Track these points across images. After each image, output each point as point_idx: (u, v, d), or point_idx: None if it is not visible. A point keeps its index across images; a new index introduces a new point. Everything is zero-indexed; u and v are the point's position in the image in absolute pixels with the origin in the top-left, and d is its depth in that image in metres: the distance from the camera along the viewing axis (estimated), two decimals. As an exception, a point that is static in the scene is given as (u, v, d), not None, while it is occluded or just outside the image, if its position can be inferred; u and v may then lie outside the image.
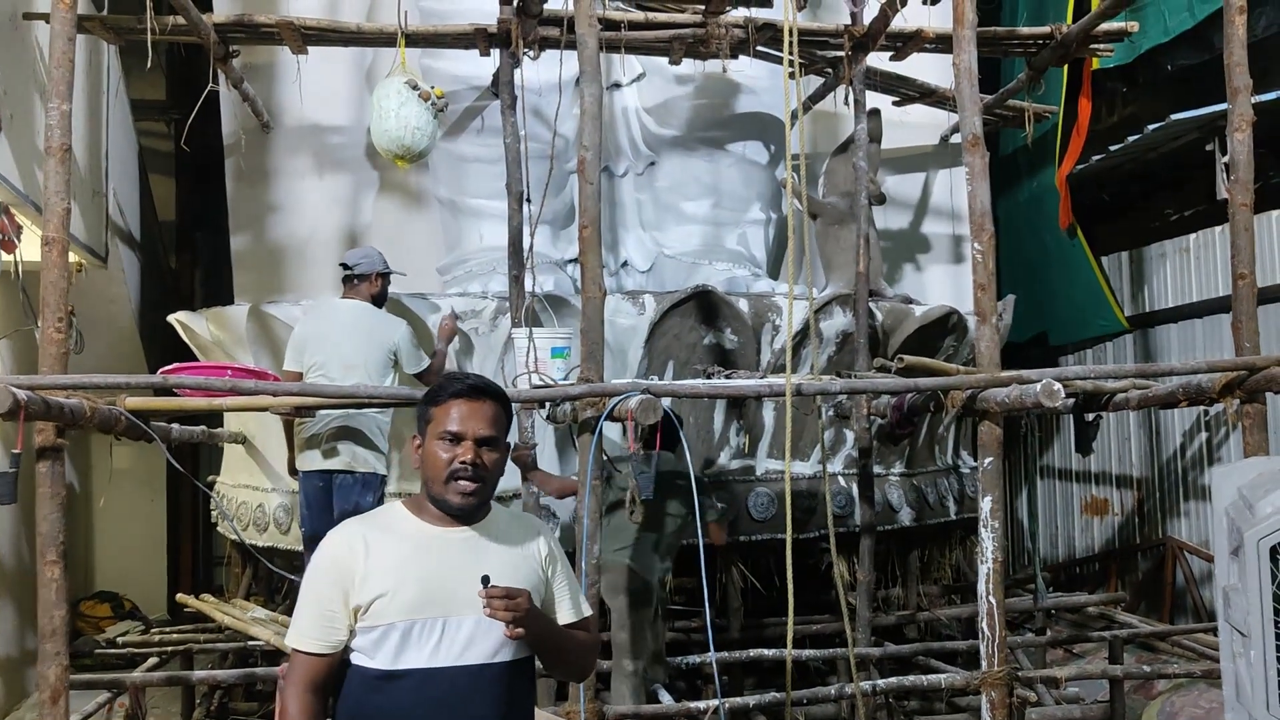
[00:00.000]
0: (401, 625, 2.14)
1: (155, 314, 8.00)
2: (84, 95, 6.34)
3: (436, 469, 2.22)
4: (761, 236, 7.27)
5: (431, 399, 2.28)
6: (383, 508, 2.40)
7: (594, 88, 4.17)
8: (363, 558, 2.17)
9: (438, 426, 2.23)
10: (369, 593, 2.15)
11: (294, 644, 2.19)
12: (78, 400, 3.73)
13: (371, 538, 2.21)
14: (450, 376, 2.34)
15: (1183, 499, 7.85)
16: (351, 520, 2.33)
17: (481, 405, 2.24)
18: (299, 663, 2.18)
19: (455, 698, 2.16)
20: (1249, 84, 4.56)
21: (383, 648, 2.15)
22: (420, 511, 2.27)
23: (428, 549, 2.22)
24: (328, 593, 2.17)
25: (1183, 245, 7.94)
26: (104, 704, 5.09)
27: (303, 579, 2.26)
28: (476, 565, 2.19)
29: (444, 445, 2.21)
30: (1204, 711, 5.71)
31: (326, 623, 2.16)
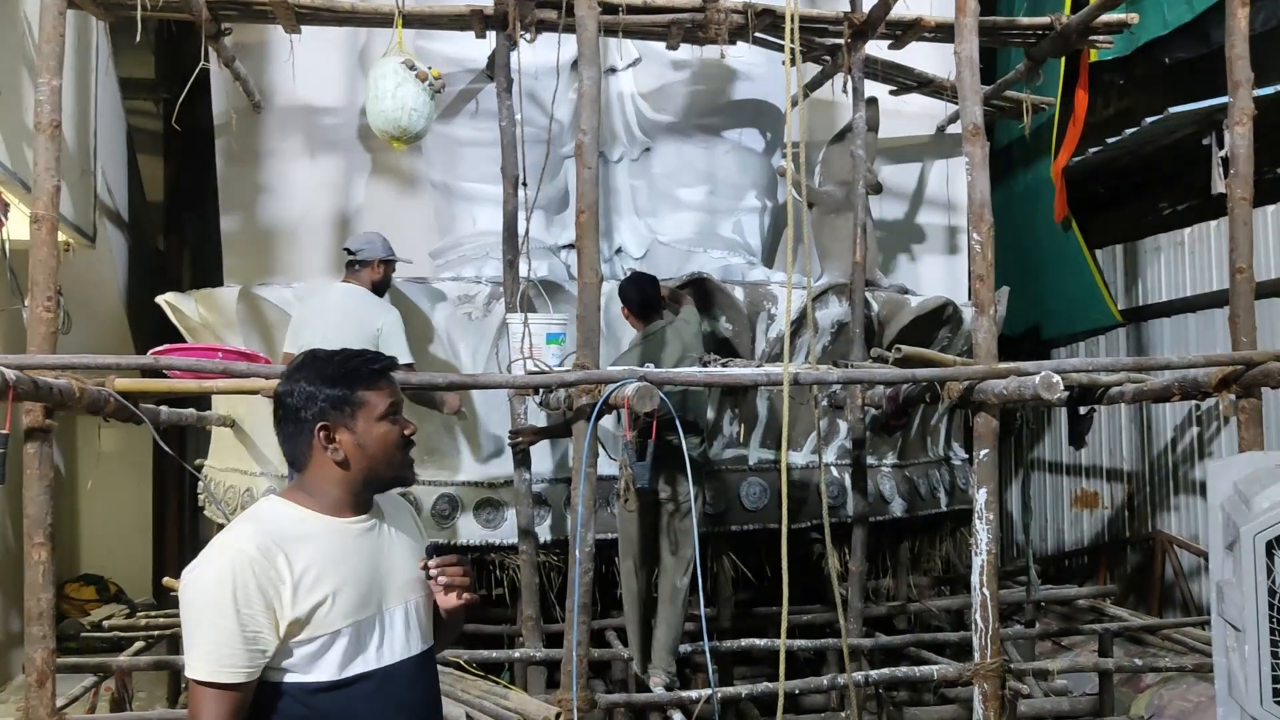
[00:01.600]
0: (347, 630, 2.01)
1: (143, 295, 7.92)
2: (73, 73, 6.26)
3: (393, 448, 2.10)
4: (757, 224, 7.24)
5: (360, 381, 2.10)
6: (262, 510, 2.08)
7: (592, 70, 4.12)
8: (285, 567, 1.95)
9: (379, 407, 2.09)
10: (306, 603, 1.95)
11: (210, 677, 1.89)
12: (67, 381, 3.68)
13: (283, 544, 1.98)
14: (356, 357, 2.14)
15: (1173, 493, 7.87)
16: (242, 528, 2.01)
17: (393, 377, 2.19)
18: (215, 699, 1.90)
19: (408, 691, 2.10)
20: (1250, 77, 4.55)
21: (325, 658, 1.99)
22: (313, 504, 2.08)
23: (347, 545, 2.07)
24: (247, 613, 1.90)
25: (1177, 239, 7.93)
26: (90, 688, 5.05)
27: (197, 601, 1.93)
28: (389, 553, 2.13)
29: (390, 423, 2.10)
30: (1192, 705, 5.73)
31: (251, 646, 1.91)
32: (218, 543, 2.00)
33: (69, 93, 6.18)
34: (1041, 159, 8.38)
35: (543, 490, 5.74)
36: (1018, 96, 6.91)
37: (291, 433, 2.10)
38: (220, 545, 1.98)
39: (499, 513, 5.75)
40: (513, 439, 5.20)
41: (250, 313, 5.95)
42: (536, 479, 5.51)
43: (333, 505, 2.09)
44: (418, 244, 6.78)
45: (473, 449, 5.86)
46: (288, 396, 2.10)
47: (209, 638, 1.91)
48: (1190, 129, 7.36)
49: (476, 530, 5.72)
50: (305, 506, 2.07)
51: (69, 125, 6.20)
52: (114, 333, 7.98)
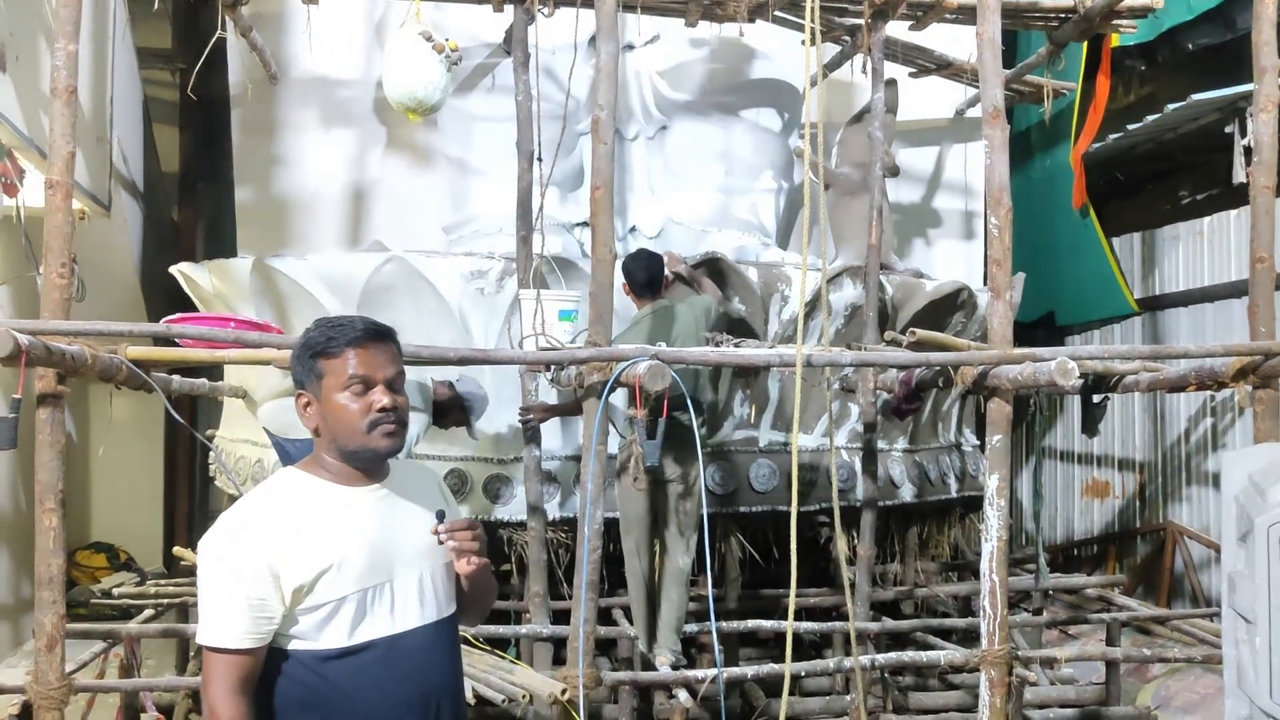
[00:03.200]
0: (354, 596, 2.03)
1: (158, 265, 7.93)
2: (89, 40, 6.24)
3: (350, 422, 2.06)
4: (772, 205, 7.20)
5: (322, 350, 2.08)
6: (277, 480, 2.14)
7: (610, 45, 4.09)
8: (289, 534, 2.00)
9: (338, 378, 2.06)
10: (311, 570, 1.98)
11: (218, 642, 1.95)
12: (79, 347, 3.68)
13: (289, 511, 2.04)
14: (334, 323, 2.12)
15: (1185, 484, 7.83)
16: (253, 497, 2.09)
17: (381, 346, 2.11)
18: (225, 664, 1.95)
19: (420, 659, 2.11)
20: (1276, 64, 4.48)
21: (332, 624, 2.02)
22: (325, 473, 2.12)
23: (354, 512, 2.09)
24: (255, 579, 1.95)
25: (1196, 229, 7.86)
26: (99, 654, 5.08)
27: (209, 569, 2.00)
28: (403, 522, 2.14)
29: (351, 396, 2.06)
30: (1199, 696, 5.72)
31: (257, 613, 1.96)
32: (228, 512, 2.05)
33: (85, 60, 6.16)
34: (1061, 145, 8.31)
35: (552, 467, 5.74)
36: (1038, 81, 6.84)
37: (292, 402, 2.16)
38: (229, 515, 2.03)
39: (508, 489, 5.75)
40: (523, 416, 5.20)
41: (263, 284, 5.94)
42: (546, 456, 5.51)
43: (338, 474, 2.11)
44: (432, 219, 6.78)
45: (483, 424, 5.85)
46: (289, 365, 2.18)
47: (216, 604, 1.97)
48: (1213, 116, 7.28)
49: (486, 506, 5.73)
50: (316, 475, 2.11)
51: (85, 93, 6.18)
52: (128, 302, 8.00)
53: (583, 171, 6.66)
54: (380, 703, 2.05)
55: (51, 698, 3.74)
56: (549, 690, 4.16)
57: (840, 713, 5.29)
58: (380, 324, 2.17)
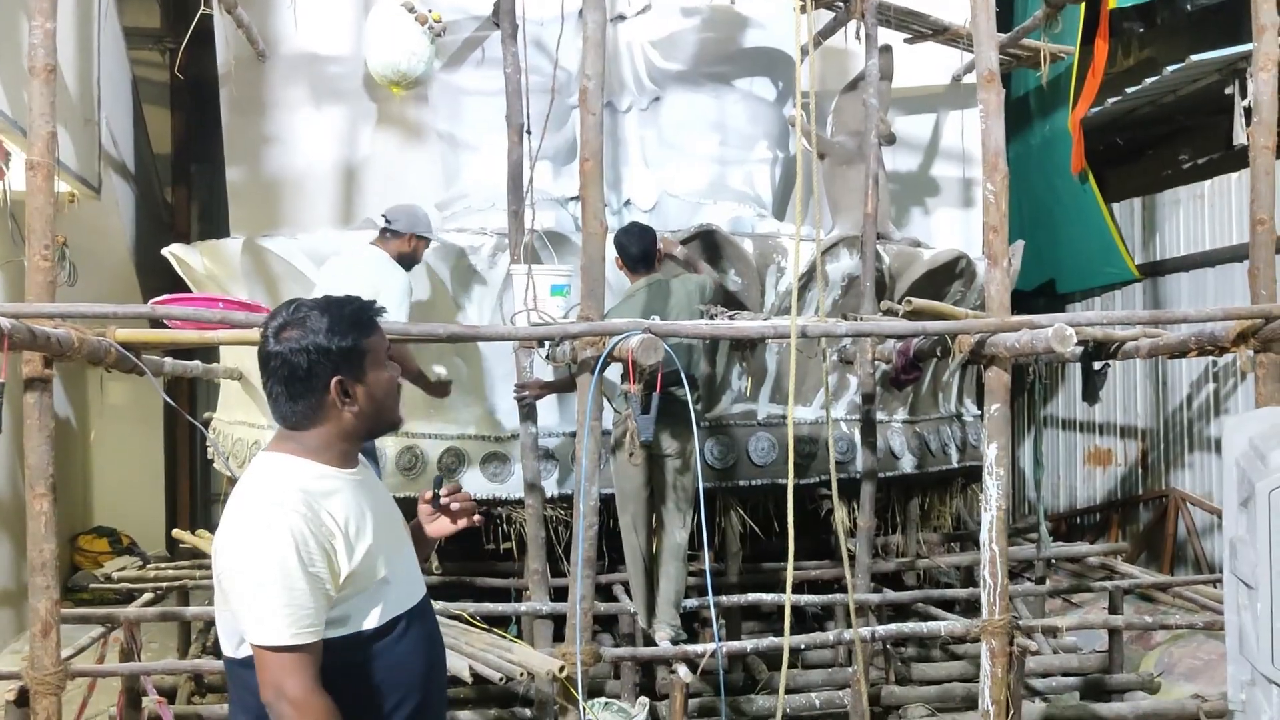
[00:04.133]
0: (389, 576, 2.08)
1: (151, 247, 7.88)
2: (74, 20, 6.17)
3: (394, 393, 2.16)
4: (767, 176, 7.12)
5: (364, 330, 2.08)
6: (282, 469, 2.05)
7: (597, 14, 4.02)
8: (331, 522, 1.98)
9: (378, 355, 2.11)
10: (358, 553, 1.99)
11: (293, 640, 1.89)
12: (65, 330, 3.64)
13: (321, 499, 2.00)
14: (340, 303, 2.09)
15: (1187, 450, 7.80)
16: (280, 490, 1.99)
17: None
18: (299, 663, 1.89)
19: (432, 627, 2.20)
20: (1276, 22, 4.41)
21: (374, 605, 2.04)
22: (324, 458, 2.07)
23: (360, 496, 2.09)
24: (314, 571, 1.92)
25: (1197, 192, 7.78)
26: (97, 639, 5.07)
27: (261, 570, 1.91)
28: (383, 499, 2.21)
29: (387, 372, 2.14)
30: (1202, 662, 5.71)
31: (323, 604, 1.94)
32: (260, 507, 1.97)
33: (70, 40, 6.10)
34: (1059, 110, 8.21)
35: (549, 444, 5.71)
36: (1036, 45, 6.76)
37: (300, 392, 2.04)
38: (266, 508, 1.95)
39: (505, 466, 5.73)
40: (519, 393, 5.16)
41: (255, 264, 5.90)
42: (543, 432, 5.47)
43: (339, 458, 2.09)
44: (424, 195, 6.69)
45: (478, 402, 5.82)
46: (294, 356, 2.02)
47: (283, 601, 1.90)
48: (1213, 78, 7.18)
49: (483, 484, 5.70)
50: (319, 461, 2.06)
51: (71, 74, 6.12)
52: (121, 285, 7.95)
53: (575, 144, 6.58)
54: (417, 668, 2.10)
55: (48, 683, 3.73)
56: (547, 668, 4.14)
57: (843, 684, 5.28)
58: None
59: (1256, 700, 3.25)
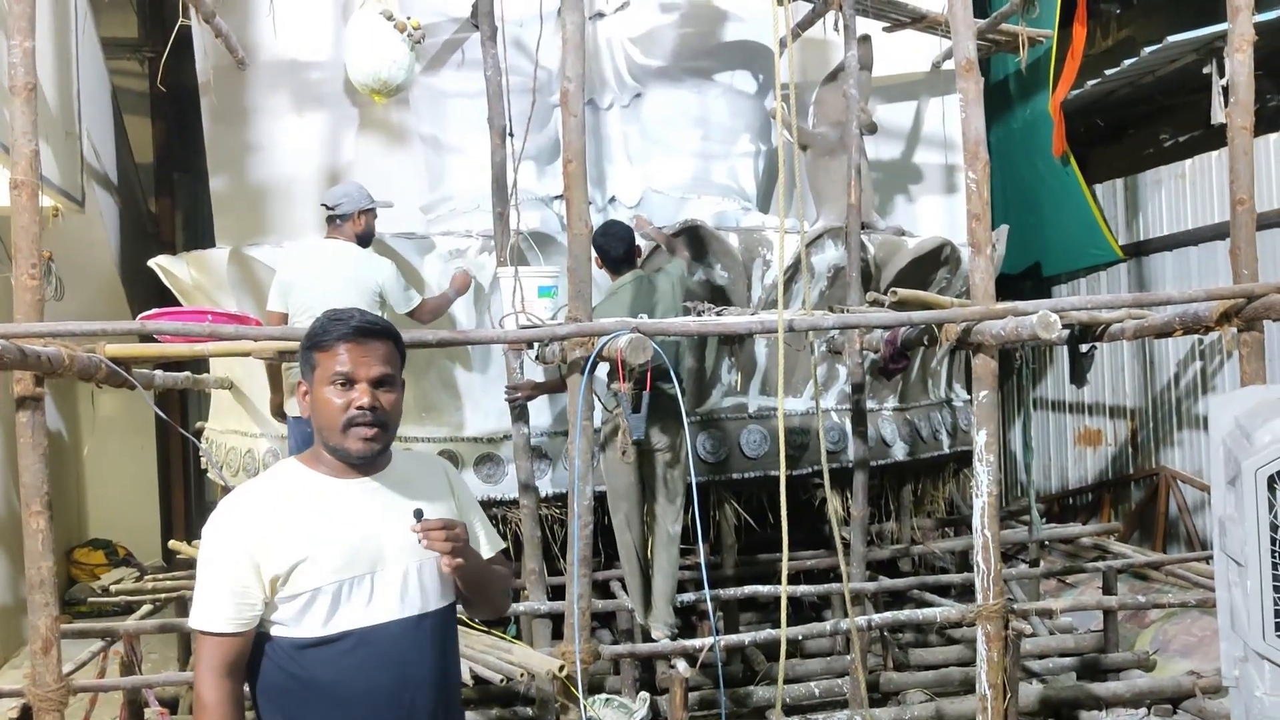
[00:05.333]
0: (330, 588, 2.05)
1: (137, 259, 7.86)
2: (52, 33, 6.14)
3: (330, 417, 2.08)
4: (751, 169, 7.14)
5: (316, 342, 2.10)
6: (276, 467, 2.21)
7: (576, 15, 4.02)
8: (271, 524, 2.04)
9: (326, 371, 2.08)
10: (285, 561, 2.02)
11: (203, 626, 2.03)
12: (55, 348, 3.64)
13: (274, 501, 2.08)
14: (334, 317, 2.12)
15: (1176, 429, 7.85)
16: (246, 485, 2.15)
17: (372, 345, 2.10)
18: (211, 646, 2.02)
19: (396, 651, 2.10)
20: (1250, 2, 4.42)
21: (309, 614, 2.05)
22: (319, 466, 2.14)
23: (339, 505, 2.10)
24: (236, 566, 2.01)
25: (1179, 171, 7.82)
26: (97, 653, 5.07)
27: (201, 553, 2.07)
28: (391, 515, 2.12)
29: (335, 390, 2.07)
30: (1196, 639, 5.76)
31: (239, 599, 2.02)
32: (223, 501, 2.14)
33: (49, 54, 6.07)
34: (1039, 93, 8.24)
35: (542, 444, 5.72)
36: (1014, 30, 6.78)
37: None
38: (223, 503, 2.11)
39: (499, 467, 5.75)
40: (510, 394, 5.17)
41: (242, 274, 5.90)
42: (536, 432, 5.49)
43: (330, 466, 2.13)
44: (408, 198, 6.72)
45: (471, 404, 5.83)
46: None
47: (205, 588, 2.05)
48: (1191, 58, 7.22)
49: (477, 485, 5.72)
50: (310, 467, 2.15)
51: (50, 87, 6.10)
52: (108, 297, 7.93)
53: (558, 144, 6.58)
54: (351, 692, 2.06)
55: (50, 699, 3.73)
56: (547, 667, 4.16)
57: (841, 672, 5.32)
58: (376, 320, 2.16)
59: (1249, 676, 3.28)
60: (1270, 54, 6.23)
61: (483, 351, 5.69)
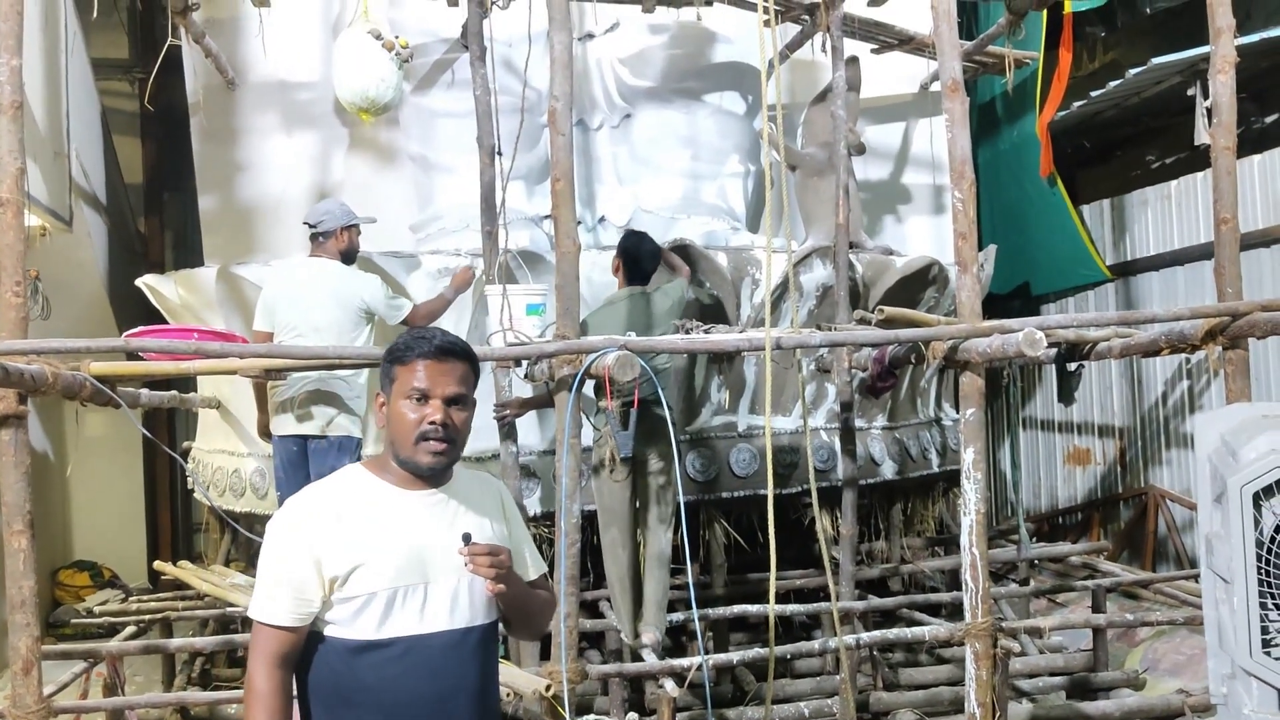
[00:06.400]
0: (385, 593, 2.11)
1: (125, 278, 7.84)
2: (40, 53, 6.15)
3: (404, 430, 2.15)
4: (740, 189, 7.17)
5: (397, 357, 2.20)
6: (343, 472, 2.30)
7: (564, 35, 4.05)
8: (334, 526, 2.12)
9: (404, 385, 2.16)
10: (346, 563, 2.10)
11: (262, 617, 2.11)
12: (39, 366, 3.62)
13: (339, 505, 2.16)
14: (417, 335, 2.23)
15: (1164, 447, 7.87)
16: (313, 486, 2.25)
17: (449, 364, 2.18)
18: (267, 637, 2.11)
19: (442, 662, 2.16)
20: (1232, 23, 4.47)
21: (363, 617, 2.11)
22: (385, 474, 2.22)
23: (401, 514, 2.17)
24: (298, 563, 2.09)
25: (1165, 192, 7.88)
26: (80, 674, 5.02)
27: (264, 547, 2.16)
28: (450, 528, 2.19)
29: (411, 405, 2.15)
30: (1185, 657, 5.75)
31: (298, 594, 2.09)
32: (292, 497, 2.22)
33: (38, 73, 6.08)
34: (1027, 115, 8.31)
35: (530, 462, 5.70)
36: (1000, 52, 6.83)
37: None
38: (291, 500, 2.20)
39: (487, 486, 5.72)
40: (498, 412, 5.16)
41: (230, 292, 5.89)
42: (524, 451, 5.47)
43: (396, 476, 2.21)
44: (398, 217, 6.72)
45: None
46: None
47: (266, 581, 2.13)
48: (1175, 80, 7.29)
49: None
50: (372, 471, 2.23)
51: (39, 107, 6.10)
52: (96, 317, 7.90)
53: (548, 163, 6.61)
54: (396, 699, 2.12)
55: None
56: (534, 687, 4.13)
57: (831, 692, 5.29)
58: (459, 343, 2.24)
59: (1237, 693, 3.27)
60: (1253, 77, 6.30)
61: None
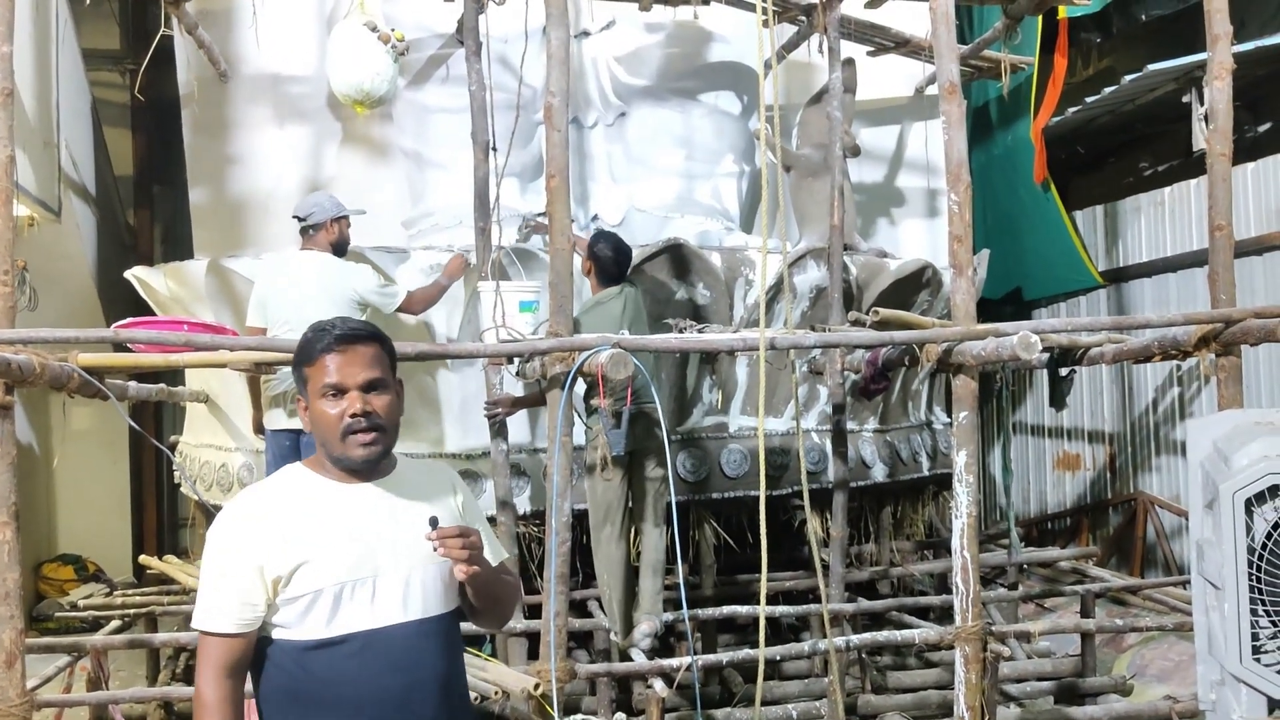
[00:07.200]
0: (331, 589, 2.06)
1: (114, 271, 7.79)
2: (31, 41, 6.10)
3: (329, 428, 2.10)
4: (734, 189, 7.15)
5: (303, 358, 2.14)
6: (283, 471, 2.25)
7: (560, 31, 4.03)
8: (274, 526, 2.08)
9: (316, 384, 2.11)
10: (288, 562, 2.05)
11: (206, 626, 2.06)
12: (26, 356, 3.58)
13: (279, 505, 2.12)
14: (317, 329, 2.15)
15: (1154, 454, 7.89)
16: (253, 488, 2.23)
17: (356, 351, 2.11)
18: (213, 646, 2.06)
19: (400, 655, 2.11)
20: (1229, 31, 4.47)
21: (311, 616, 2.06)
22: (324, 471, 2.17)
23: (343, 509, 2.13)
24: (240, 567, 2.04)
25: (1158, 199, 7.90)
26: (63, 668, 4.98)
27: (206, 554, 2.11)
28: (394, 520, 2.14)
29: (329, 402, 2.10)
30: (1173, 663, 5.76)
31: (242, 599, 2.04)
32: (230, 502, 2.18)
33: (28, 62, 6.03)
34: (1021, 120, 8.32)
35: (520, 460, 5.68)
36: (996, 56, 6.83)
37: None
38: (229, 505, 2.16)
39: (477, 484, 5.69)
40: (489, 409, 5.14)
41: (220, 286, 5.85)
42: (514, 449, 5.45)
43: (334, 472, 2.16)
44: (390, 213, 6.69)
45: (451, 419, 5.79)
46: None
47: (208, 588, 2.08)
48: (1170, 86, 7.30)
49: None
50: (312, 469, 2.19)
51: (29, 96, 6.06)
52: (84, 309, 7.86)
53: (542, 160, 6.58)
54: (357, 695, 2.07)
55: (13, 715, 3.64)
56: (522, 685, 4.12)
57: (820, 694, 5.29)
58: (358, 326, 2.18)
59: (1226, 700, 3.28)
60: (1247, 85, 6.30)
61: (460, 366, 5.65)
